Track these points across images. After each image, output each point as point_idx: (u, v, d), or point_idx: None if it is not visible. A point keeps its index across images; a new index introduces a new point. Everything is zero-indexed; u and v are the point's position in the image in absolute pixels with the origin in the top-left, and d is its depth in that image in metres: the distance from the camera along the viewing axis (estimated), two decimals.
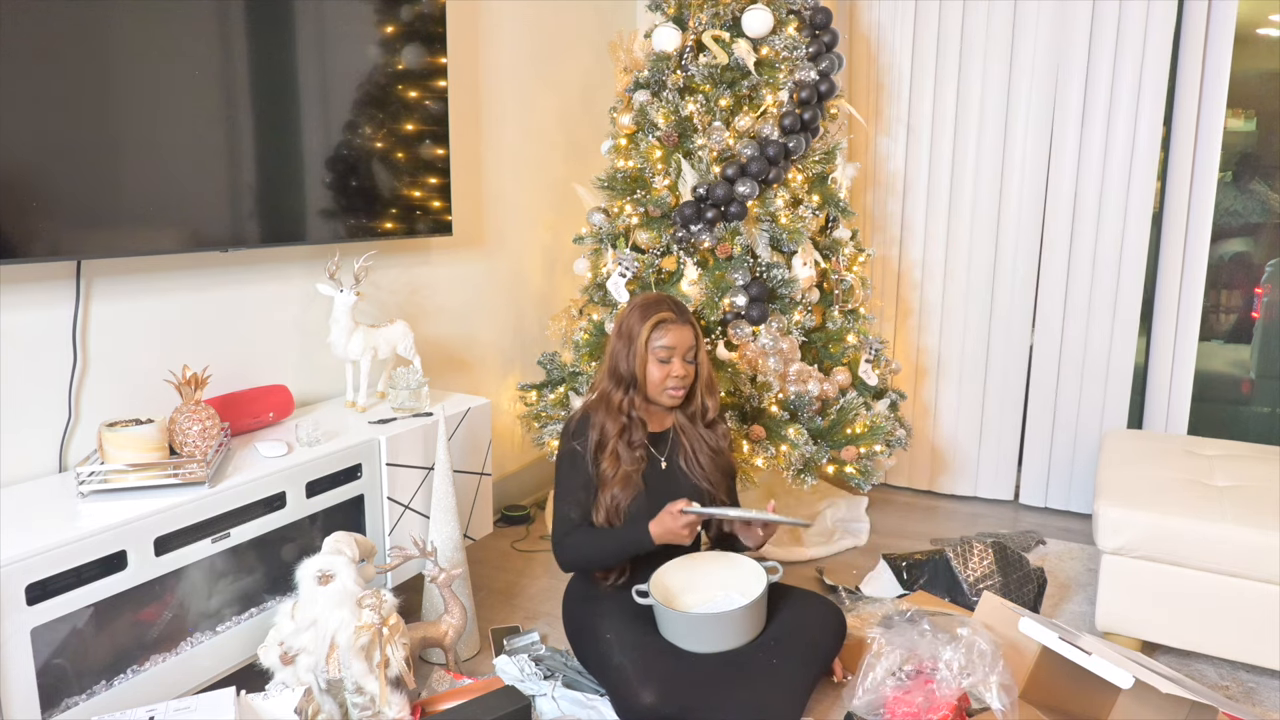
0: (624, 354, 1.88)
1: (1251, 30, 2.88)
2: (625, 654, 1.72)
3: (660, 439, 1.96)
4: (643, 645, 1.73)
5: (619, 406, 1.89)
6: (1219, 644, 1.92)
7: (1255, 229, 3.07)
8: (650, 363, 1.87)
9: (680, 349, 1.86)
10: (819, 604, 1.92)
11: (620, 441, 1.88)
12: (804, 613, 1.87)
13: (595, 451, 1.88)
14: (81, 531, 1.42)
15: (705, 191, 2.43)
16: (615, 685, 1.72)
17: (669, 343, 1.85)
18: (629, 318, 1.90)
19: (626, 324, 1.90)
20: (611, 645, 1.76)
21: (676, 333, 1.86)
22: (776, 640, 1.78)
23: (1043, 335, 3.02)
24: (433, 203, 2.38)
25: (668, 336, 1.85)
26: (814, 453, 2.38)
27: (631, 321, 1.89)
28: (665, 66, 2.55)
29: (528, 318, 3.07)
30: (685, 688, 1.65)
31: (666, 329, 1.86)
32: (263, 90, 1.90)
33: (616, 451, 1.87)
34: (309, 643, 1.63)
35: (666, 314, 1.87)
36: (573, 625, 1.94)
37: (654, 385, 1.87)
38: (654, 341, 1.86)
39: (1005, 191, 3.01)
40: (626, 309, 1.94)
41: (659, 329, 1.86)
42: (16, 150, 1.50)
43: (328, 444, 1.89)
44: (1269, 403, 3.13)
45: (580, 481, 1.88)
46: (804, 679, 1.76)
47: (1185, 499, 2.00)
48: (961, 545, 2.31)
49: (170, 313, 1.90)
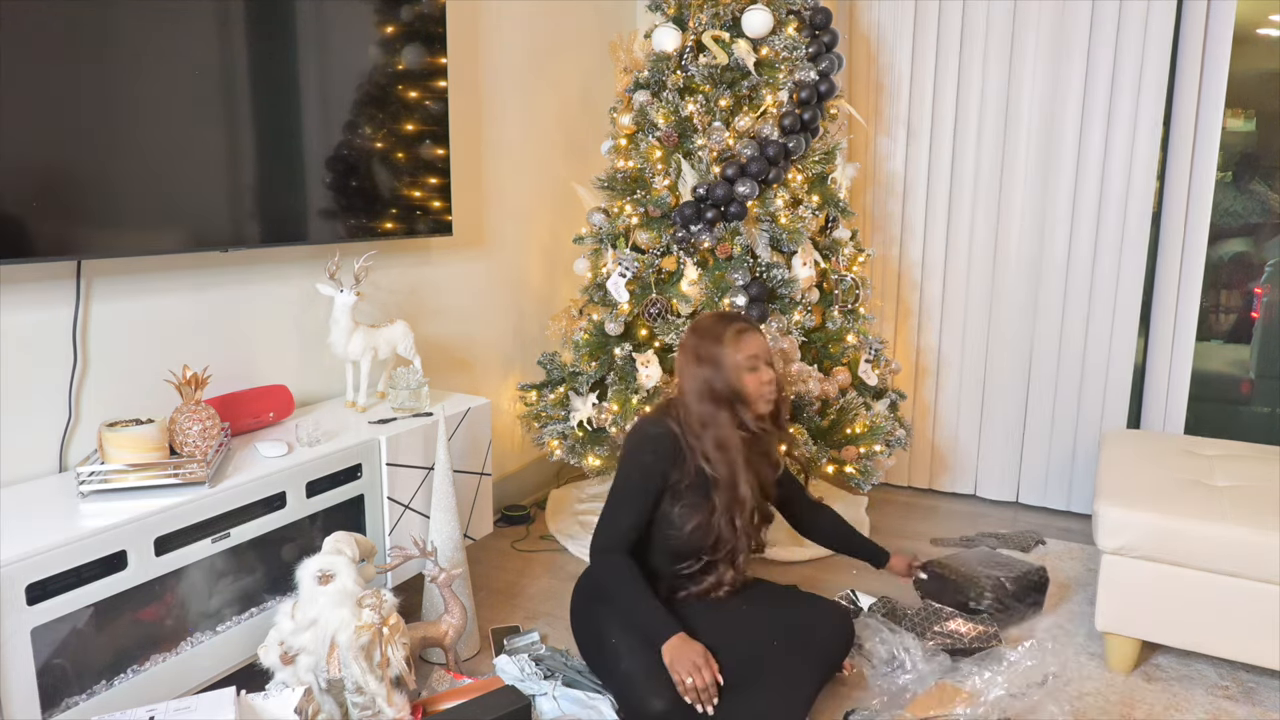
0: (714, 376, 1.81)
1: (1251, 30, 2.88)
2: (634, 660, 1.71)
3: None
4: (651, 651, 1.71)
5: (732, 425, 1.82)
6: (1219, 644, 1.92)
7: (1255, 229, 3.07)
8: (744, 374, 1.81)
9: (763, 354, 1.84)
10: (827, 607, 1.92)
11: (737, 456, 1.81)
12: (812, 615, 1.88)
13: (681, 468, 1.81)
14: (82, 531, 1.42)
15: (705, 191, 2.43)
16: (623, 691, 1.72)
17: (754, 350, 1.82)
18: (703, 342, 1.83)
19: (703, 349, 1.83)
20: (619, 650, 1.76)
21: (756, 340, 1.83)
22: (784, 643, 1.77)
23: (1043, 335, 3.02)
24: (433, 203, 2.38)
25: (753, 344, 1.82)
26: (814, 453, 2.38)
27: (709, 343, 1.82)
28: (665, 67, 2.56)
29: (528, 318, 3.07)
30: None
31: (748, 337, 1.82)
32: (263, 90, 1.90)
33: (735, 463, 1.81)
34: (309, 642, 1.63)
35: (741, 324, 1.84)
36: (578, 622, 1.93)
37: (753, 394, 1.82)
38: (741, 352, 1.81)
39: (1005, 191, 3.01)
40: (692, 336, 1.87)
41: (742, 339, 1.82)
42: (17, 150, 1.49)
43: (328, 444, 1.89)
44: (1268, 403, 3.13)
45: (642, 497, 1.81)
46: (811, 682, 1.76)
47: (1185, 499, 2.00)
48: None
49: (170, 313, 1.90)
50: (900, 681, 1.91)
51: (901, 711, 1.78)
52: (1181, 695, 1.94)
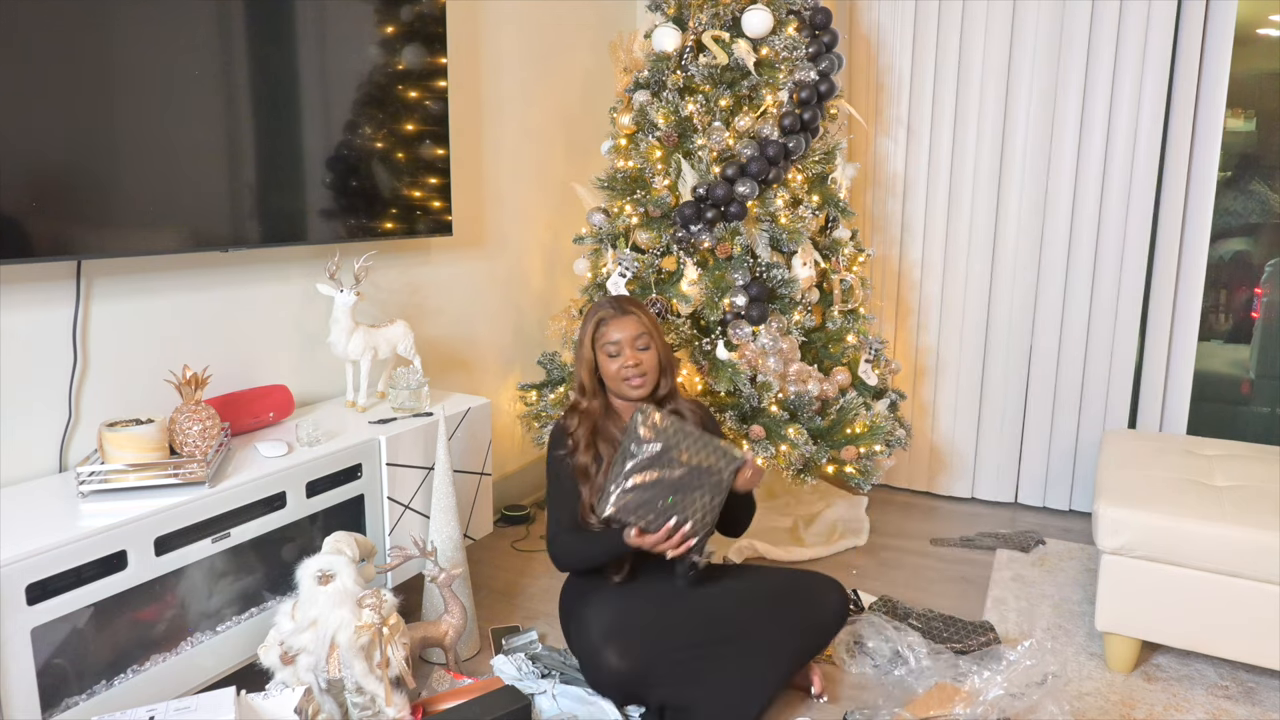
0: (580, 362, 1.96)
1: (1251, 30, 2.88)
2: (595, 618, 1.76)
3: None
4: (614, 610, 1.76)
5: (589, 410, 1.94)
6: (1219, 644, 1.92)
7: (1255, 229, 3.07)
8: (602, 359, 1.91)
9: (626, 339, 1.89)
10: (817, 579, 1.93)
11: (600, 439, 1.91)
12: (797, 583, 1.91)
13: (575, 454, 1.90)
14: (82, 531, 1.42)
15: (705, 191, 2.43)
16: (583, 653, 1.77)
17: (612, 336, 1.89)
18: (579, 331, 1.97)
19: (577, 336, 1.98)
20: (588, 617, 1.79)
21: (617, 324, 1.90)
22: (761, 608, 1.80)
23: (1042, 335, 3.02)
24: (433, 203, 2.38)
25: (609, 331, 1.90)
26: (814, 453, 2.38)
27: (579, 332, 1.97)
28: (665, 66, 2.55)
29: (528, 318, 3.07)
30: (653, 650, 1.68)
31: (607, 324, 1.91)
32: (263, 90, 1.90)
33: (596, 449, 1.90)
34: (309, 642, 1.63)
35: (604, 312, 1.93)
36: (563, 616, 1.95)
37: (613, 380, 1.91)
38: (600, 340, 1.91)
39: (1005, 191, 3.01)
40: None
41: (600, 328, 1.91)
42: (16, 150, 1.50)
43: (328, 444, 1.89)
44: (1269, 403, 3.13)
45: (566, 487, 1.91)
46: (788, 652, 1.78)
47: (1185, 499, 2.00)
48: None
49: (170, 313, 1.90)
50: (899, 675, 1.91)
51: (901, 710, 1.78)
52: (1181, 695, 1.94)
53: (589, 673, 1.76)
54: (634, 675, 1.68)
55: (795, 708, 1.85)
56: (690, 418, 1.95)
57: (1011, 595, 2.41)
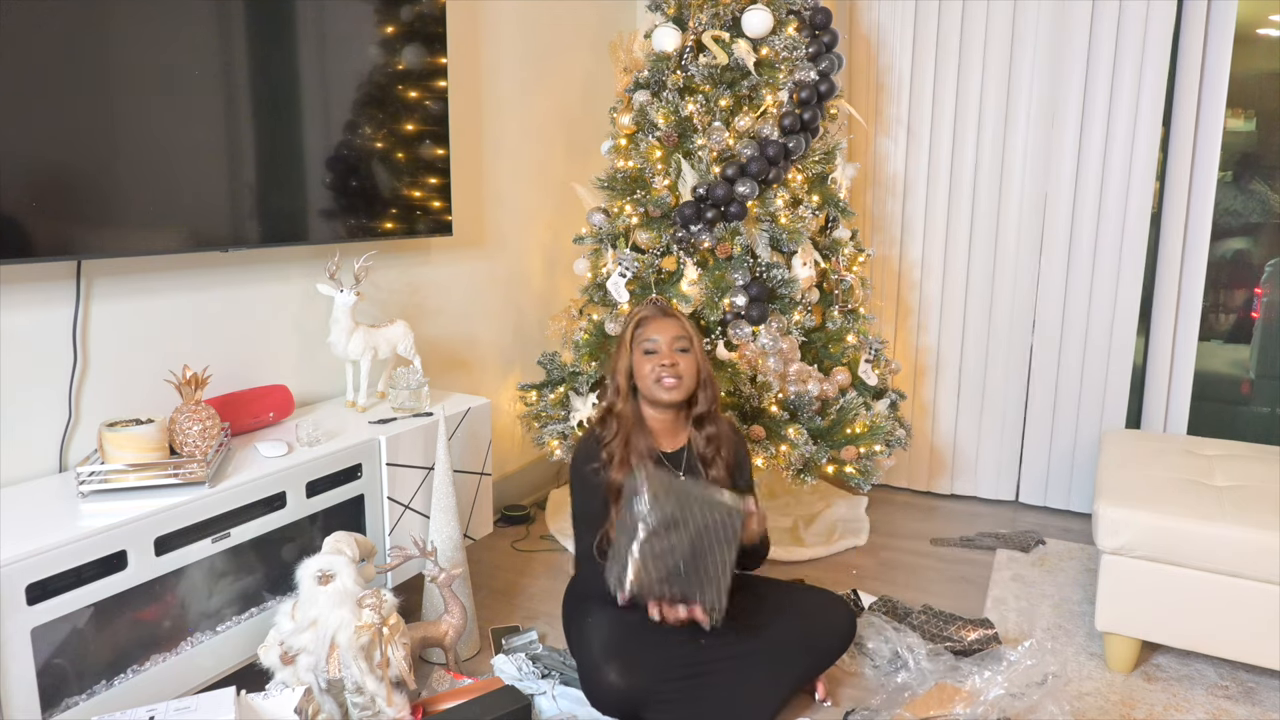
0: (617, 361, 1.92)
1: (1251, 30, 2.88)
2: (596, 633, 1.73)
3: (674, 458, 1.92)
4: (616, 625, 1.71)
5: (623, 415, 1.88)
6: (1219, 644, 1.92)
7: (1255, 229, 3.07)
8: (637, 358, 1.87)
9: (665, 338, 1.85)
10: (824, 597, 1.91)
11: (633, 455, 1.84)
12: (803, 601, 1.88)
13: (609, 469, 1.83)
14: (81, 531, 1.42)
15: (705, 191, 2.43)
16: (582, 667, 1.74)
17: (651, 333, 1.87)
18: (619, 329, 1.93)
19: (618, 338, 1.95)
20: (590, 630, 1.76)
21: (658, 324, 1.88)
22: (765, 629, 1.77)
23: (1042, 335, 3.02)
24: (433, 203, 2.38)
25: (649, 329, 1.88)
26: (814, 453, 2.38)
27: (620, 331, 1.94)
28: (665, 67, 2.55)
29: (528, 318, 3.07)
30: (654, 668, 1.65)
31: (647, 323, 1.89)
32: (263, 90, 1.90)
33: (629, 463, 1.82)
34: (309, 643, 1.63)
35: (646, 311, 1.92)
36: (565, 620, 1.94)
37: (646, 380, 1.85)
38: (638, 339, 1.88)
39: (1005, 191, 3.01)
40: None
41: (640, 326, 1.90)
42: (16, 150, 1.49)
43: (328, 444, 1.89)
44: (1269, 403, 3.13)
45: (596, 508, 1.84)
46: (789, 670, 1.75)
47: (1185, 499, 2.00)
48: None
49: (170, 313, 1.90)
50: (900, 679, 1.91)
51: (901, 711, 1.78)
52: (1181, 695, 1.94)
53: (587, 689, 1.71)
54: (634, 694, 1.64)
55: (798, 711, 1.85)
56: (725, 445, 1.91)
57: (1011, 595, 2.42)
